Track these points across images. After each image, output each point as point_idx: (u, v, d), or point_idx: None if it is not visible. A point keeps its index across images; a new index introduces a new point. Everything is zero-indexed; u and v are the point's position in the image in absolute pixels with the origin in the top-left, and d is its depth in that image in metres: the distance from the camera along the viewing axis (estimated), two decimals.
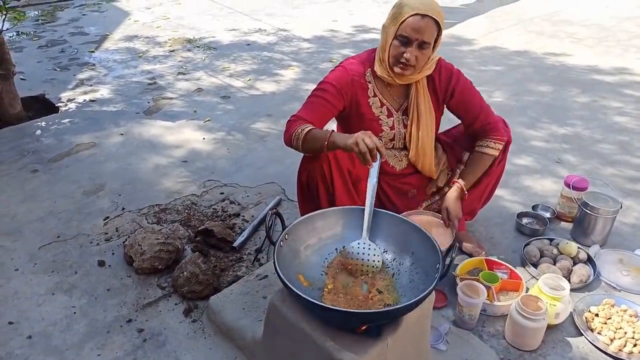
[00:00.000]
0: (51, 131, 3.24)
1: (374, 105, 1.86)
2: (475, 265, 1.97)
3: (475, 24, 5.92)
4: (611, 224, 2.14)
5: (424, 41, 1.66)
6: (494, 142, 1.89)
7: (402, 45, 1.68)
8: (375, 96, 1.86)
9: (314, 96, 1.78)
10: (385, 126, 1.88)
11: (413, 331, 1.39)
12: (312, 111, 1.73)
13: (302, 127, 1.62)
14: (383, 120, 1.87)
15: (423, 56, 1.70)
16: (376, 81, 1.85)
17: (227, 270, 2.02)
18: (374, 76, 1.84)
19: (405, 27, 1.65)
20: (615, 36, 5.38)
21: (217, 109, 3.60)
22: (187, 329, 1.75)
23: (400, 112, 1.89)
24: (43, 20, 6.04)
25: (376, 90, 1.85)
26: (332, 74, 1.82)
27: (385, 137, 1.89)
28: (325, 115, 1.76)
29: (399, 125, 1.89)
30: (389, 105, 1.87)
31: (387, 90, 1.87)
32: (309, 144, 1.62)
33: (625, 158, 2.93)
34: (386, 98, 1.87)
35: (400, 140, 1.92)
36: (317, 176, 1.71)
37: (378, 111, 1.86)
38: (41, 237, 2.22)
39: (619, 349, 1.64)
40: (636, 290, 1.92)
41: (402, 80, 1.80)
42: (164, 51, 4.90)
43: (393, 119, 1.88)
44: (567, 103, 3.70)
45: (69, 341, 1.71)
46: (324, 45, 5.06)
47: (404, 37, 1.67)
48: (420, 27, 1.64)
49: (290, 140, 1.66)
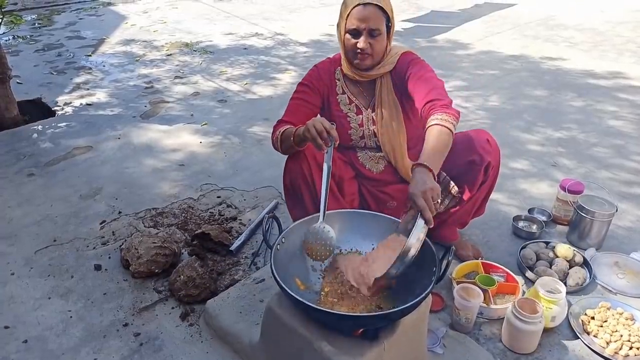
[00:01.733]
0: (48, 135, 3.24)
1: (341, 102, 1.90)
2: (472, 269, 1.97)
3: (471, 28, 5.95)
4: (607, 227, 2.15)
5: (371, 29, 1.71)
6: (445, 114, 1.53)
7: (353, 37, 1.74)
8: (344, 94, 1.90)
9: (292, 99, 1.87)
10: (354, 123, 1.90)
11: (410, 334, 1.39)
12: (293, 113, 1.82)
13: (280, 130, 1.72)
14: (351, 118, 1.90)
15: (377, 43, 1.74)
16: (345, 79, 1.90)
17: (224, 274, 2.02)
18: (342, 74, 1.90)
19: (351, 19, 1.71)
20: (610, 40, 5.42)
21: (214, 113, 3.60)
22: (184, 333, 1.75)
23: (370, 110, 1.90)
24: (40, 24, 6.04)
25: (345, 87, 1.90)
26: (307, 76, 1.91)
27: (354, 134, 1.91)
28: (306, 115, 1.81)
29: (368, 122, 1.90)
30: (358, 102, 1.90)
31: (356, 88, 1.90)
32: (284, 143, 1.71)
33: (621, 162, 2.94)
34: (355, 95, 1.90)
35: (371, 138, 1.92)
36: (299, 178, 1.75)
37: (346, 108, 1.90)
38: (37, 241, 2.21)
39: (615, 351, 1.64)
40: (632, 293, 1.92)
41: (364, 76, 1.83)
42: (161, 55, 4.91)
43: (362, 117, 1.90)
44: (563, 107, 3.72)
45: (65, 345, 1.70)
46: (321, 50, 5.07)
47: (352, 29, 1.72)
48: (364, 16, 1.69)
49: (274, 144, 1.76)
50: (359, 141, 1.93)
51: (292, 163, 1.76)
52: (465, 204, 1.92)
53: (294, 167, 1.76)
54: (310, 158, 1.72)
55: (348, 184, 1.90)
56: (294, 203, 1.85)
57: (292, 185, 1.79)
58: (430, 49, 5.10)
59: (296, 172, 1.75)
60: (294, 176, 1.76)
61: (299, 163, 1.73)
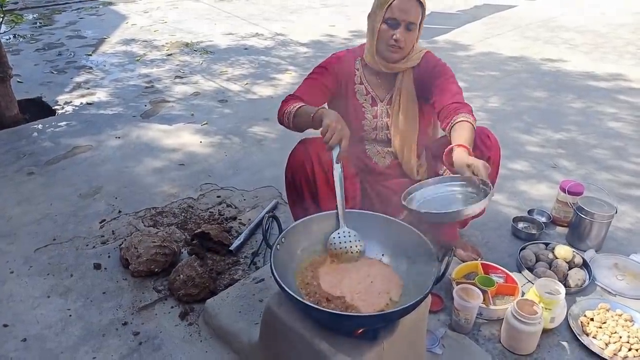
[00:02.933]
0: (48, 134, 3.24)
1: (358, 93, 1.90)
2: (471, 269, 1.97)
3: (472, 29, 5.96)
4: (606, 228, 2.15)
5: (410, 22, 1.72)
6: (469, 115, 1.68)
7: (390, 28, 1.74)
8: (362, 84, 1.90)
9: (308, 79, 1.87)
10: (368, 114, 1.91)
11: (409, 335, 1.39)
12: (305, 91, 1.82)
13: (293, 105, 1.70)
14: (366, 108, 1.91)
15: (410, 38, 1.76)
16: (365, 70, 1.90)
17: (223, 273, 2.02)
18: (362, 65, 1.90)
19: (392, 9, 1.71)
20: (611, 42, 5.42)
21: (215, 113, 3.60)
22: (183, 332, 1.75)
23: (385, 102, 1.91)
24: (40, 23, 6.04)
25: (363, 78, 1.91)
26: (326, 61, 1.91)
27: (367, 125, 1.92)
28: (317, 95, 1.82)
29: (383, 115, 1.91)
30: (374, 94, 1.91)
31: (375, 80, 1.91)
32: (299, 120, 1.67)
33: (620, 163, 2.95)
34: (372, 87, 1.91)
35: (383, 130, 1.93)
36: (301, 175, 1.75)
37: (362, 99, 1.90)
38: (37, 240, 2.21)
39: (614, 353, 1.64)
40: (631, 294, 1.92)
41: (389, 68, 1.84)
42: (162, 55, 4.91)
43: (377, 108, 1.91)
44: (563, 108, 3.72)
45: (64, 344, 1.70)
46: (321, 50, 5.08)
47: (392, 19, 1.72)
48: (406, 8, 1.70)
49: (283, 117, 1.73)
50: (371, 132, 1.94)
51: (295, 159, 1.76)
52: None
53: (296, 164, 1.75)
54: (313, 155, 1.71)
55: (350, 182, 1.89)
56: (294, 199, 1.85)
57: (293, 181, 1.79)
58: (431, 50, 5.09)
59: (298, 169, 1.75)
60: (296, 172, 1.76)
61: (301, 160, 1.73)
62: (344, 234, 1.46)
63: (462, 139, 1.58)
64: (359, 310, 1.29)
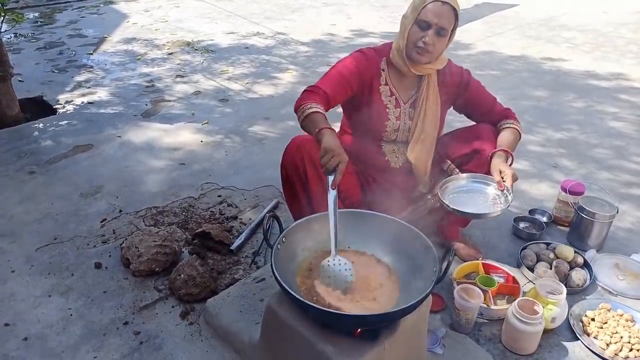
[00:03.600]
0: (49, 133, 3.24)
1: (383, 94, 1.89)
2: (472, 269, 1.97)
3: (473, 28, 5.95)
4: (607, 228, 2.15)
5: (442, 27, 1.72)
6: (516, 122, 1.97)
7: (421, 30, 1.74)
8: (387, 85, 1.89)
9: (335, 71, 1.82)
10: (392, 115, 1.90)
11: (410, 335, 1.39)
12: (330, 85, 1.77)
13: (310, 105, 1.63)
14: (390, 110, 1.90)
15: (440, 43, 1.75)
16: (390, 70, 1.89)
17: (224, 273, 2.02)
18: (388, 65, 1.89)
19: (426, 11, 1.71)
20: (612, 42, 5.41)
21: (215, 112, 3.60)
22: (184, 331, 1.75)
23: (408, 105, 1.91)
24: (41, 22, 6.04)
25: (388, 79, 1.89)
26: (352, 55, 1.88)
27: (390, 127, 1.91)
28: (340, 91, 1.79)
29: (405, 117, 1.91)
30: (398, 96, 1.91)
31: (400, 81, 1.90)
32: (307, 125, 1.64)
33: (621, 163, 2.94)
34: (397, 88, 1.90)
35: (404, 132, 1.93)
36: (292, 171, 1.74)
37: (387, 100, 1.90)
38: (38, 239, 2.22)
39: (615, 353, 1.64)
40: (632, 294, 1.92)
41: (416, 70, 1.83)
42: (162, 54, 4.90)
43: (400, 110, 1.91)
44: (564, 108, 3.72)
45: (65, 343, 1.70)
46: (322, 49, 5.07)
47: (424, 21, 1.72)
48: (440, 12, 1.70)
49: (297, 110, 1.68)
50: (392, 134, 1.93)
51: (287, 157, 1.75)
52: None
53: (288, 161, 1.75)
54: (304, 153, 1.69)
55: (349, 179, 1.89)
56: (290, 196, 1.85)
57: (287, 179, 1.79)
58: None
59: (290, 166, 1.74)
60: (289, 169, 1.75)
61: (293, 158, 1.72)
62: (336, 262, 1.37)
63: (504, 143, 1.84)
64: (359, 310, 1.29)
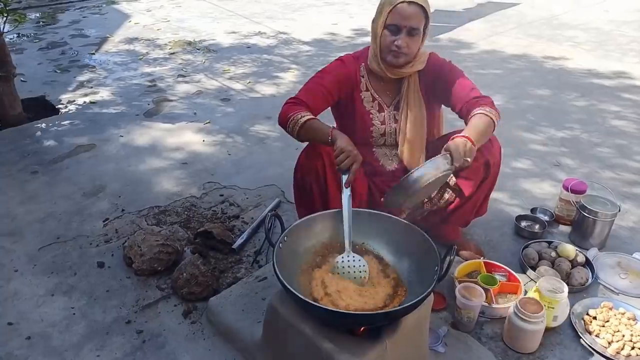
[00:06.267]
0: (51, 133, 3.25)
1: (365, 100, 1.89)
2: (474, 268, 1.97)
3: (475, 27, 5.94)
4: (609, 227, 2.14)
5: (412, 27, 1.70)
6: (490, 108, 1.69)
7: (392, 34, 1.73)
8: (367, 91, 1.89)
9: (313, 82, 1.82)
10: (376, 120, 1.90)
11: (411, 333, 1.39)
12: (311, 96, 1.76)
13: (301, 114, 1.65)
14: (374, 115, 1.90)
15: (414, 43, 1.74)
16: (369, 76, 1.89)
17: (226, 271, 2.03)
18: (367, 71, 1.89)
19: (393, 15, 1.70)
20: (614, 40, 5.40)
21: (217, 112, 3.61)
22: (186, 330, 1.75)
23: (392, 107, 1.91)
24: (44, 22, 6.05)
25: (368, 85, 1.89)
26: (331, 65, 1.88)
27: (376, 132, 1.92)
28: (321, 102, 1.79)
29: (390, 120, 1.91)
30: (381, 100, 1.90)
31: (380, 86, 1.90)
32: (307, 133, 1.65)
33: (624, 162, 2.94)
34: (378, 93, 1.90)
35: (391, 135, 1.93)
36: (312, 175, 1.74)
37: (369, 105, 1.89)
38: (41, 239, 2.22)
39: (617, 351, 1.64)
40: (634, 293, 1.92)
41: (394, 74, 1.82)
42: (164, 54, 4.91)
43: (384, 114, 1.90)
44: (566, 106, 3.71)
45: (68, 342, 1.71)
46: (324, 49, 5.07)
47: (394, 25, 1.71)
48: (408, 14, 1.68)
49: (287, 123, 1.67)
50: (379, 139, 1.94)
51: (306, 160, 1.74)
52: (466, 202, 1.92)
53: (307, 164, 1.74)
54: (325, 156, 1.70)
55: (359, 182, 1.89)
56: (302, 199, 1.85)
57: (302, 181, 1.78)
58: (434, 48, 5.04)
59: (309, 169, 1.73)
60: (306, 173, 1.75)
61: (313, 161, 1.72)
62: (350, 259, 1.43)
63: (467, 130, 1.62)
64: (361, 309, 1.30)
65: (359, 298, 1.33)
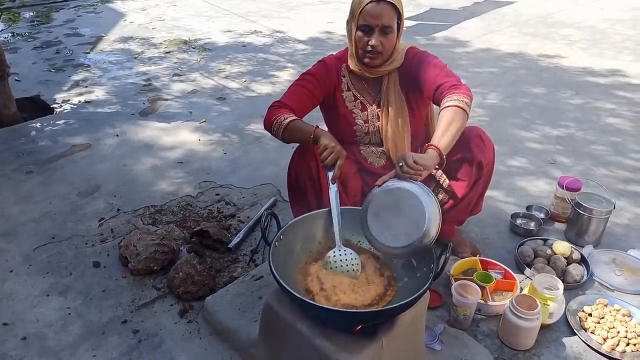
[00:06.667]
0: (46, 132, 3.23)
1: (347, 99, 1.90)
2: (470, 266, 1.98)
3: (470, 26, 5.95)
4: (604, 224, 2.15)
5: (384, 25, 1.70)
6: (457, 94, 1.63)
7: (365, 35, 1.73)
8: (349, 90, 1.90)
9: (296, 85, 1.84)
10: (359, 119, 1.91)
11: (408, 331, 1.39)
12: (293, 98, 1.79)
13: (284, 116, 1.68)
14: (357, 114, 1.90)
15: (388, 41, 1.74)
16: (350, 76, 1.90)
17: (222, 271, 2.02)
18: (348, 71, 1.89)
19: (364, 15, 1.70)
20: (609, 38, 5.42)
21: (213, 110, 3.60)
22: (183, 329, 1.75)
23: (375, 106, 1.91)
24: (38, 21, 6.02)
25: (350, 84, 1.90)
26: (313, 67, 1.89)
27: (359, 130, 1.92)
28: (306, 105, 1.82)
29: (373, 119, 1.91)
30: (363, 99, 1.90)
31: (362, 85, 1.90)
32: (291, 134, 1.67)
33: (618, 159, 2.95)
34: (360, 92, 1.90)
35: (375, 134, 1.93)
36: (305, 174, 1.74)
37: (351, 105, 1.90)
38: (36, 239, 2.22)
39: (612, 348, 1.65)
40: (629, 289, 1.93)
41: (372, 73, 1.83)
42: (159, 52, 4.90)
43: (367, 113, 1.91)
44: (561, 105, 3.72)
45: (63, 342, 1.70)
46: (320, 47, 5.07)
47: (365, 25, 1.71)
48: (377, 13, 1.68)
49: (271, 125, 1.70)
50: (364, 137, 1.94)
51: (299, 159, 1.75)
52: (460, 202, 1.92)
53: (300, 163, 1.75)
54: (318, 155, 1.67)
55: (352, 180, 1.89)
56: (296, 199, 1.85)
57: (296, 181, 1.78)
58: (429, 46, 5.09)
59: (302, 168, 1.74)
60: (300, 172, 1.75)
61: (306, 160, 1.73)
62: (341, 253, 1.44)
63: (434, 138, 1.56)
64: (357, 307, 1.30)
65: (351, 294, 1.34)
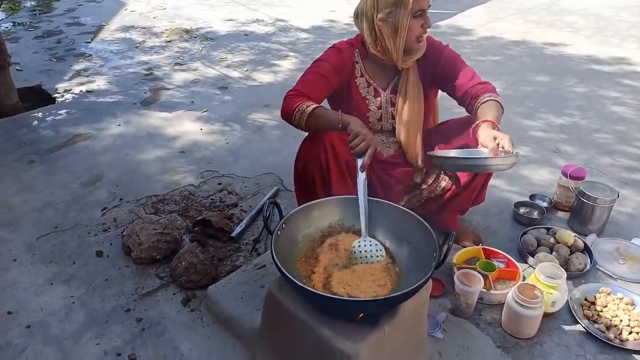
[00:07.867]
0: (48, 122, 3.23)
1: (360, 86, 1.88)
2: (473, 255, 1.97)
3: (474, 14, 5.89)
4: (608, 213, 2.15)
5: (429, 5, 1.72)
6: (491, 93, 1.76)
7: (418, 20, 1.71)
8: (362, 76, 1.88)
9: (311, 73, 1.79)
10: (372, 106, 1.89)
11: (410, 319, 1.39)
12: (310, 86, 1.74)
13: (306, 104, 1.62)
14: (370, 100, 1.89)
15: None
16: (364, 62, 1.87)
17: (225, 260, 2.03)
18: (361, 57, 1.86)
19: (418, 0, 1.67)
20: (614, 26, 5.36)
21: (215, 100, 3.59)
22: (186, 318, 1.76)
23: (389, 92, 1.89)
24: (39, 10, 5.99)
25: (363, 70, 1.87)
26: (326, 53, 1.85)
27: (372, 117, 1.91)
28: (322, 92, 1.78)
29: (387, 104, 1.90)
30: (376, 85, 1.89)
31: (375, 70, 1.88)
32: (316, 122, 1.61)
33: (623, 148, 2.93)
34: (373, 78, 1.88)
35: (388, 120, 1.92)
36: (314, 165, 1.71)
37: (365, 91, 1.88)
38: (39, 228, 2.22)
39: (615, 336, 1.65)
40: (632, 278, 1.93)
41: (405, 64, 1.80)
42: (161, 42, 4.87)
43: (380, 99, 1.89)
44: (565, 93, 3.70)
45: (67, 331, 1.71)
46: (322, 36, 5.04)
47: (420, 10, 1.70)
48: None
49: (292, 115, 1.63)
50: (376, 124, 1.92)
51: (308, 148, 1.73)
52: (463, 191, 1.92)
53: (309, 153, 1.72)
54: (328, 146, 1.68)
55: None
56: (303, 190, 1.83)
57: (304, 172, 1.76)
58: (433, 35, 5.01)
59: (311, 158, 1.71)
60: (309, 162, 1.72)
61: (315, 150, 1.69)
62: (366, 243, 1.43)
63: (489, 116, 1.68)
64: (359, 295, 1.30)
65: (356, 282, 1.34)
